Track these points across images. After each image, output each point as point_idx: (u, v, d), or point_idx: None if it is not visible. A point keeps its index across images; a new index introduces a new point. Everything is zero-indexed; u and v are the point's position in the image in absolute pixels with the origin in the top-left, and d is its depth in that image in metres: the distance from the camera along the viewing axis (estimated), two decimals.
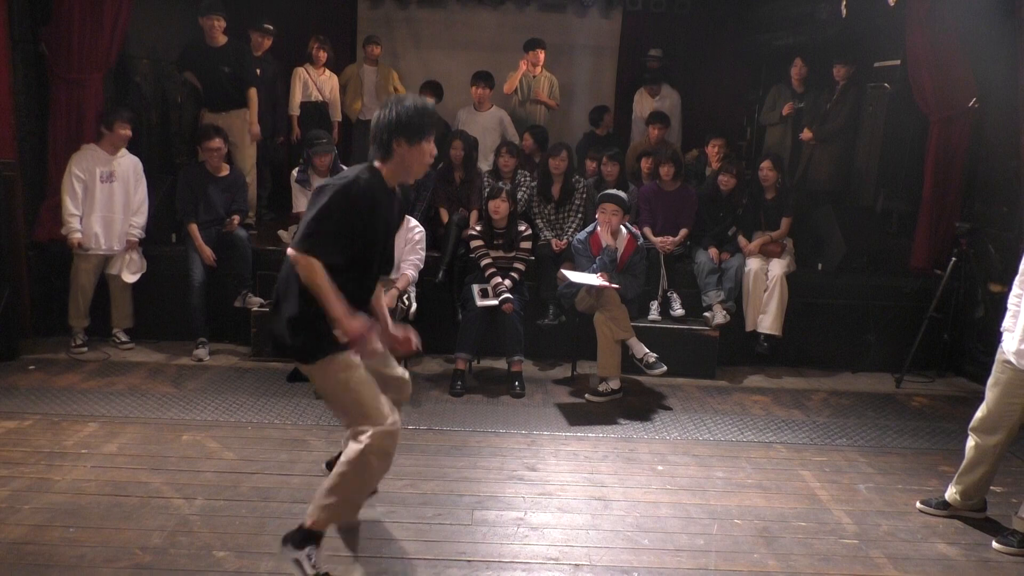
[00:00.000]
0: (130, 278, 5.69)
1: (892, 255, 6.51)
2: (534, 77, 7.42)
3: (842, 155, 6.88)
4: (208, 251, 5.65)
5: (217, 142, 5.79)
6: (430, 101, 6.96)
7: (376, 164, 3.01)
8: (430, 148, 3.04)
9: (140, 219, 5.74)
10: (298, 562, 2.96)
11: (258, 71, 6.61)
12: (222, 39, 6.31)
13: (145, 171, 5.85)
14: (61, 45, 5.73)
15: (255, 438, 4.35)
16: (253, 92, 6.49)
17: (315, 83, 7.16)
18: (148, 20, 6.75)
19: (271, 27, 6.88)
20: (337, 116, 7.37)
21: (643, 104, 7.77)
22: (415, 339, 3.27)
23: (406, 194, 5.40)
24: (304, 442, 4.32)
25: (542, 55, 7.39)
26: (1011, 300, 3.63)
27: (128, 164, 5.70)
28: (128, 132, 5.65)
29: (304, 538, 2.98)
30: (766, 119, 7.26)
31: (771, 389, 5.62)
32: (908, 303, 5.97)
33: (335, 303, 2.84)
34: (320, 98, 7.21)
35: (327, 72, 7.27)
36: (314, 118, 7.13)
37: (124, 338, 5.78)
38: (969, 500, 3.77)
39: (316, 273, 2.82)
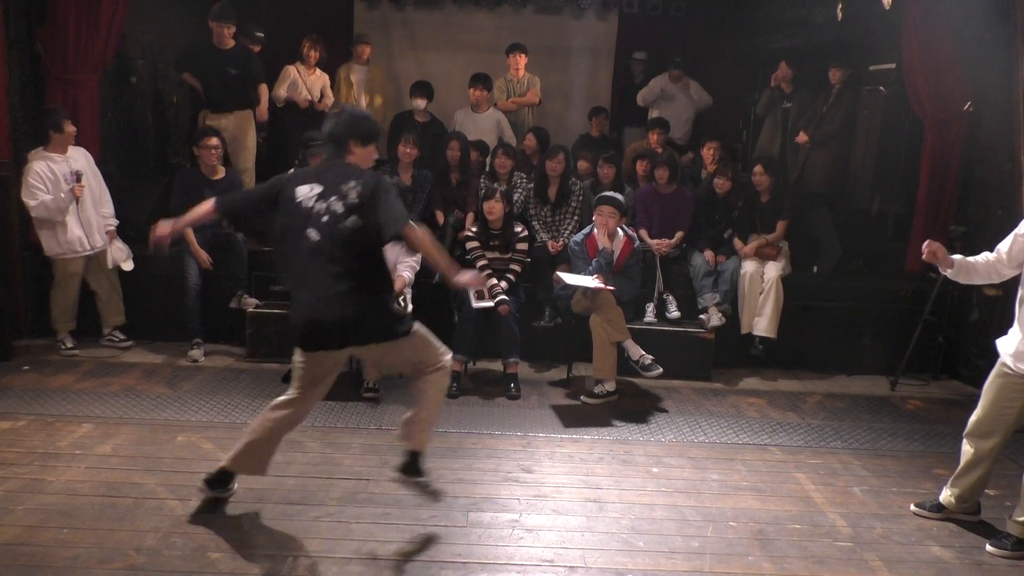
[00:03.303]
0: (127, 266, 5.70)
1: (887, 258, 6.53)
2: (516, 81, 7.40)
3: (838, 158, 6.89)
4: (204, 255, 5.62)
5: (214, 140, 5.79)
6: (420, 103, 7.01)
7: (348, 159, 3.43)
8: (372, 152, 3.54)
9: (108, 208, 5.72)
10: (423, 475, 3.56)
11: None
12: (230, 43, 6.35)
13: (141, 172, 5.83)
14: (57, 46, 5.73)
15: None
16: (264, 88, 6.57)
17: (305, 82, 7.15)
18: (144, 21, 6.75)
19: (261, 35, 6.95)
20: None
21: (659, 86, 7.87)
22: None
23: (404, 196, 5.39)
24: (299, 443, 4.31)
25: (523, 59, 7.36)
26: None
27: (81, 157, 5.59)
28: (74, 128, 5.51)
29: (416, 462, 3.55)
30: (761, 111, 7.31)
31: (766, 391, 5.63)
32: (903, 306, 5.99)
33: (443, 257, 3.45)
34: (309, 97, 7.21)
35: (317, 71, 7.26)
36: (301, 117, 7.12)
37: (121, 336, 5.77)
38: (964, 503, 3.78)
39: (427, 237, 3.33)
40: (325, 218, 3.26)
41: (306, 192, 3.33)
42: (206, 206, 3.57)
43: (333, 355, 3.44)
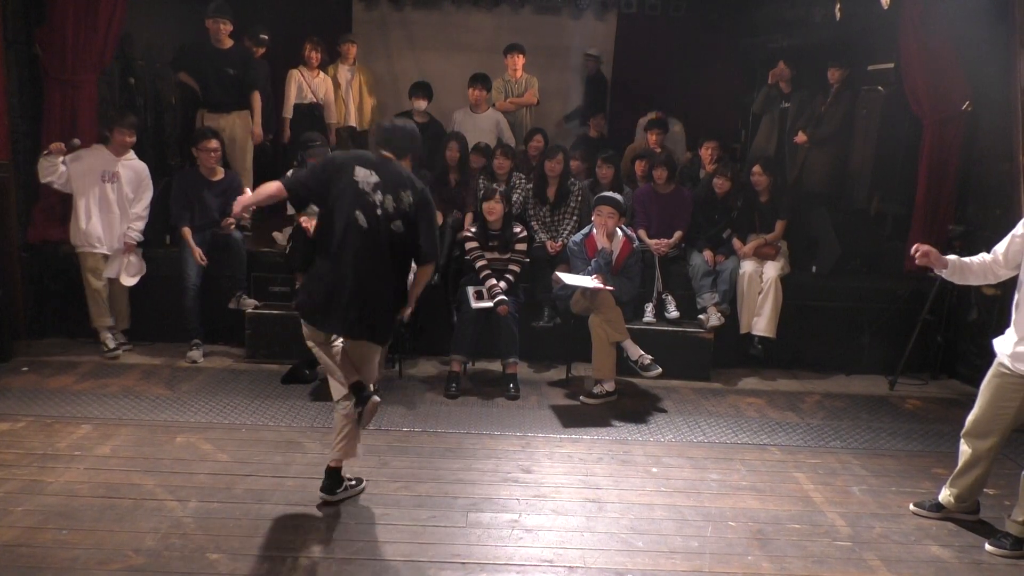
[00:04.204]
0: (129, 281, 5.68)
1: (886, 258, 6.52)
2: (514, 82, 7.40)
3: (836, 158, 6.88)
4: (198, 251, 5.62)
5: (214, 143, 5.79)
6: (421, 104, 7.00)
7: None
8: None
9: (140, 224, 5.71)
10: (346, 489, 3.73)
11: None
12: (228, 42, 6.33)
13: None
14: (55, 46, 5.72)
15: (249, 440, 4.34)
16: (257, 97, 6.54)
17: (309, 85, 7.15)
18: (143, 22, 6.74)
19: (266, 37, 6.92)
20: (331, 118, 7.36)
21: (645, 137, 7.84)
22: None
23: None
24: (298, 444, 4.32)
25: (521, 60, 7.36)
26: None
27: (133, 168, 5.68)
28: (128, 139, 5.59)
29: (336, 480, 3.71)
30: (758, 109, 7.30)
31: (765, 391, 5.63)
32: (902, 306, 5.99)
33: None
34: (314, 100, 7.21)
35: (321, 74, 7.26)
36: (307, 120, 7.12)
37: (121, 339, 5.76)
38: (963, 502, 3.78)
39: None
40: (378, 211, 3.47)
41: (364, 176, 3.51)
42: (273, 187, 3.57)
43: (324, 335, 3.67)
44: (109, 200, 5.59)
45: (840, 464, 4.43)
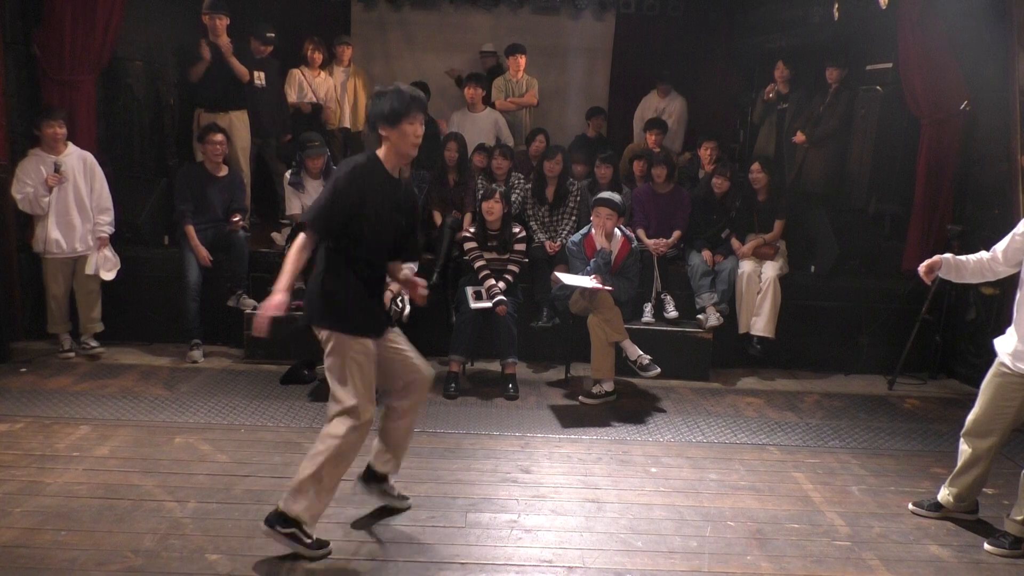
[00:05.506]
0: (107, 276, 5.59)
1: (884, 258, 6.53)
2: (515, 82, 7.40)
3: (835, 158, 6.90)
4: (204, 252, 5.61)
5: (219, 136, 5.78)
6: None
7: (376, 151, 3.28)
8: (414, 129, 3.20)
9: (107, 216, 5.59)
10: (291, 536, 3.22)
11: (263, 74, 6.61)
12: (226, 39, 6.29)
13: (137, 173, 5.77)
14: (53, 47, 5.72)
15: (248, 440, 4.34)
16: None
17: (310, 85, 7.14)
18: (141, 22, 6.73)
19: (272, 35, 6.88)
20: (328, 119, 7.35)
21: (649, 105, 7.81)
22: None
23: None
24: (298, 444, 4.31)
25: (523, 60, 7.37)
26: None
27: (75, 160, 5.52)
28: (57, 131, 5.42)
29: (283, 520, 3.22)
30: (757, 119, 7.32)
31: (764, 391, 5.64)
32: (900, 305, 5.99)
33: (284, 274, 3.17)
34: (315, 100, 7.20)
35: (323, 74, 7.25)
36: (307, 120, 7.12)
37: (94, 343, 5.64)
38: (962, 502, 3.79)
39: (296, 246, 3.18)
40: None
41: None
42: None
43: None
44: (63, 201, 5.46)
45: (839, 464, 4.43)
